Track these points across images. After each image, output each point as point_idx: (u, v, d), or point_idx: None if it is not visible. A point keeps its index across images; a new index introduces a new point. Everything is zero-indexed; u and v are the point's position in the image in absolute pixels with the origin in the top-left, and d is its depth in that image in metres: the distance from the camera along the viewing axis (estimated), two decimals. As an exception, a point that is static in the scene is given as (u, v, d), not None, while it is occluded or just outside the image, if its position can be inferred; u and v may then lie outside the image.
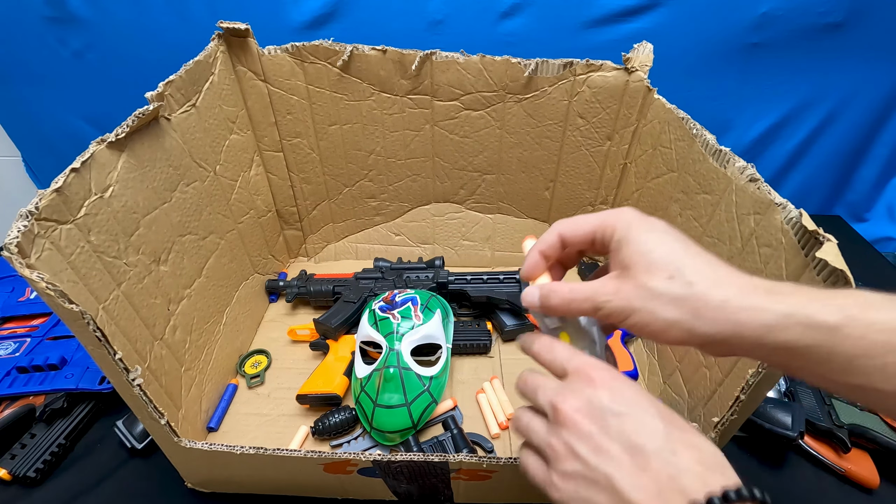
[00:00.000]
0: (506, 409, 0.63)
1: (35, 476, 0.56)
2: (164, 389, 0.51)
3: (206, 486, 0.55)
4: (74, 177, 0.40)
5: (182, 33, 0.83)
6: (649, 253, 0.29)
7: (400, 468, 0.46)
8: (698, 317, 0.27)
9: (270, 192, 0.78)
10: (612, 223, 0.31)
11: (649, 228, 0.30)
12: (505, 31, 0.82)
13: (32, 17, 0.83)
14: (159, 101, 0.51)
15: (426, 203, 0.82)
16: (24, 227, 0.35)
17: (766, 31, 0.80)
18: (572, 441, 0.28)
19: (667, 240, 0.29)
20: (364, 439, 0.60)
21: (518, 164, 0.75)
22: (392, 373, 0.58)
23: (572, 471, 0.28)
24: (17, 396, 0.62)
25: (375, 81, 0.68)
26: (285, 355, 0.72)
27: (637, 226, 0.30)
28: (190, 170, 0.57)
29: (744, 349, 0.27)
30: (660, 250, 0.29)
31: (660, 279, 0.28)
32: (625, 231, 0.30)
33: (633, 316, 0.29)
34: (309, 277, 0.80)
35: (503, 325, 0.72)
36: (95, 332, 0.37)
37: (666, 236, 0.30)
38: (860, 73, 0.85)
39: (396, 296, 0.66)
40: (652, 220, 0.31)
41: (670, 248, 0.29)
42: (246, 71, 0.66)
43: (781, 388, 0.64)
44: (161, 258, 0.52)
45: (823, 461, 0.58)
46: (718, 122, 0.91)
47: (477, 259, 0.87)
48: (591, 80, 0.65)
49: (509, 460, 0.43)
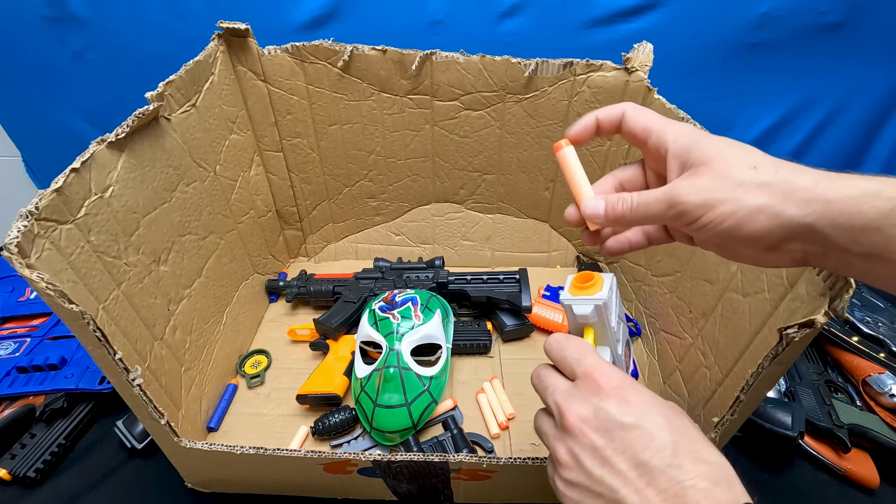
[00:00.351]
0: (506, 409, 0.63)
1: (35, 476, 0.56)
2: (164, 389, 0.51)
3: (206, 486, 0.55)
4: (74, 177, 0.40)
5: (182, 33, 0.82)
6: (727, 150, 0.28)
7: (400, 468, 0.46)
8: (787, 199, 0.26)
9: (270, 192, 0.78)
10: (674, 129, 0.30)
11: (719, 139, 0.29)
12: (505, 31, 0.82)
13: (32, 17, 0.83)
14: (159, 101, 0.51)
15: (426, 203, 0.82)
16: (24, 227, 0.35)
17: (767, 31, 0.80)
18: (577, 451, 0.28)
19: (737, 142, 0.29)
20: (364, 439, 0.60)
21: (518, 164, 0.75)
22: (392, 373, 0.58)
23: (576, 481, 0.28)
24: (17, 396, 0.62)
25: (375, 81, 0.68)
26: (285, 355, 0.72)
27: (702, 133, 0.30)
28: (190, 170, 0.57)
29: (830, 234, 0.26)
30: (736, 149, 0.28)
31: (744, 168, 0.27)
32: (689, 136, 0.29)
33: (716, 208, 0.27)
34: (309, 277, 0.80)
35: (503, 325, 0.72)
36: (95, 332, 0.37)
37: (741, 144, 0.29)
38: (860, 73, 0.85)
39: (396, 296, 0.66)
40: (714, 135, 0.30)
41: (744, 147, 0.28)
42: (246, 71, 0.66)
43: (781, 388, 0.64)
44: (161, 258, 0.52)
45: (823, 461, 0.58)
46: (718, 122, 0.91)
47: (477, 259, 0.87)
48: (591, 80, 0.65)
49: (509, 460, 0.43)
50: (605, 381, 0.29)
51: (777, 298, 0.40)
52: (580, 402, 0.29)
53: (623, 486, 0.26)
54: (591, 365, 0.30)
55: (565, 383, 0.31)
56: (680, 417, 0.28)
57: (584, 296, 0.35)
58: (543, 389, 0.32)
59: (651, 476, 0.25)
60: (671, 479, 0.25)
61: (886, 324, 0.69)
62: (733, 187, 0.27)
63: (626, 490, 0.26)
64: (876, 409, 0.61)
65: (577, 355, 0.31)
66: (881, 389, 0.61)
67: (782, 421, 0.57)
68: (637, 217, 0.30)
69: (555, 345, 0.33)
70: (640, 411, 0.27)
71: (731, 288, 0.48)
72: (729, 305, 0.48)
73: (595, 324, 0.35)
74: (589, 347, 0.32)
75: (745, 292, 0.46)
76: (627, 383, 0.29)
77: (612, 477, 0.26)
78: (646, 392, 0.29)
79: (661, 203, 0.29)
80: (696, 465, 0.25)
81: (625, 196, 0.31)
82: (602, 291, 0.34)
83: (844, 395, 0.64)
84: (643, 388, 0.29)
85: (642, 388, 0.29)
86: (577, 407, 0.29)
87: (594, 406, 0.28)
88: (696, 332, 0.54)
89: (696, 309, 0.55)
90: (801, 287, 0.37)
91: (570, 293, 0.36)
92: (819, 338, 0.70)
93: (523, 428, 0.61)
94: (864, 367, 0.63)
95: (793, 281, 0.38)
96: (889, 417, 0.60)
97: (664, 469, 0.25)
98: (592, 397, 0.28)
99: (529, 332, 0.74)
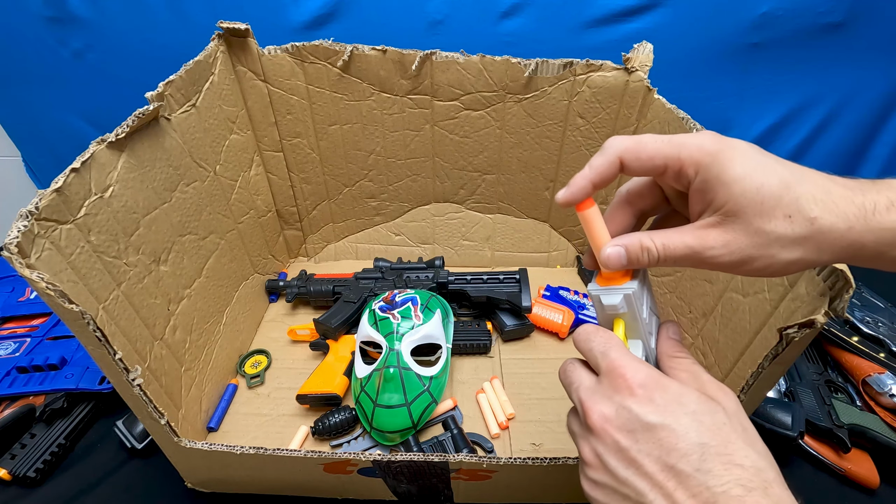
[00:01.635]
0: (506, 409, 0.63)
1: (35, 476, 0.56)
2: (164, 389, 0.51)
3: (206, 486, 0.55)
4: (74, 177, 0.40)
5: (182, 33, 0.83)
6: (757, 190, 0.25)
7: (400, 468, 0.46)
8: (822, 250, 0.25)
9: (270, 192, 0.78)
10: (691, 154, 0.27)
11: (740, 155, 0.26)
12: (505, 31, 0.82)
13: (32, 17, 0.83)
14: (159, 101, 0.51)
15: (426, 203, 0.82)
16: (24, 227, 0.35)
17: (767, 31, 0.80)
18: (601, 451, 0.27)
19: (767, 165, 0.25)
20: (364, 439, 0.60)
21: (518, 164, 0.75)
22: (392, 373, 0.58)
23: (602, 481, 0.27)
24: (17, 396, 0.62)
25: (375, 81, 0.68)
26: (285, 355, 0.72)
27: (726, 155, 0.26)
28: (190, 170, 0.57)
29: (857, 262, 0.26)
30: (767, 183, 0.25)
31: (778, 221, 0.25)
32: (713, 165, 0.26)
33: (749, 263, 0.26)
34: (309, 277, 0.80)
35: (503, 325, 0.72)
36: (95, 332, 0.37)
37: (763, 160, 0.26)
38: (860, 73, 0.85)
39: (396, 296, 0.66)
40: (735, 144, 0.26)
41: (776, 175, 0.25)
42: (246, 71, 0.66)
43: (781, 388, 0.64)
44: (161, 258, 0.52)
45: (823, 461, 0.58)
46: (718, 122, 0.91)
47: (477, 259, 0.87)
48: (591, 80, 0.65)
49: (509, 460, 0.43)
50: (630, 376, 0.27)
51: (777, 298, 0.40)
52: (603, 400, 0.27)
53: (650, 490, 0.25)
54: (615, 359, 0.28)
55: (590, 379, 0.30)
56: (713, 415, 0.26)
57: (613, 286, 0.32)
58: (569, 385, 0.31)
59: (678, 479, 0.24)
60: (699, 484, 0.24)
61: (886, 324, 0.69)
62: (769, 243, 0.25)
63: (654, 494, 0.24)
64: (876, 409, 0.61)
65: (602, 348, 0.29)
66: (881, 389, 0.61)
67: (782, 421, 0.57)
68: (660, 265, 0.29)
69: (582, 335, 0.31)
70: (665, 410, 0.26)
71: (731, 288, 0.48)
72: (729, 305, 0.48)
73: (625, 315, 0.32)
74: (615, 340, 0.30)
75: (745, 292, 0.46)
76: (653, 380, 0.27)
77: (638, 479, 0.25)
78: (674, 388, 0.26)
79: (689, 258, 0.27)
80: (727, 468, 0.24)
81: (648, 246, 0.28)
82: (633, 280, 0.31)
83: (844, 395, 0.64)
84: (671, 384, 0.27)
85: (670, 384, 0.27)
86: (600, 405, 0.27)
87: (617, 404, 0.27)
88: (696, 332, 0.54)
89: (696, 309, 0.55)
90: (801, 287, 0.37)
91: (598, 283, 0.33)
92: (819, 338, 0.70)
93: (523, 428, 0.61)
94: (864, 367, 0.63)
95: (793, 281, 0.38)
96: (889, 417, 0.60)
97: (691, 474, 0.24)
98: (616, 395, 0.27)
99: (529, 332, 0.74)
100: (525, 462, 0.43)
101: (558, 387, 0.70)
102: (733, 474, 0.23)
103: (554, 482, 0.48)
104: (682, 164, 0.27)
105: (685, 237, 0.27)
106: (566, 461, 0.42)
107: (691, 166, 0.27)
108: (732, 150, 0.26)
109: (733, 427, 0.25)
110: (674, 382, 0.27)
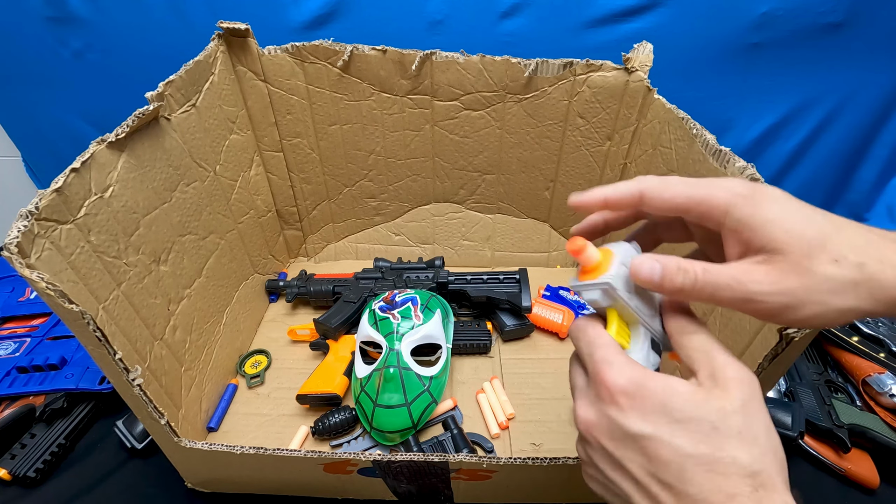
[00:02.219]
0: (506, 409, 0.63)
1: (35, 476, 0.56)
2: (164, 389, 0.51)
3: (206, 486, 0.55)
4: (74, 177, 0.40)
5: (182, 33, 0.82)
6: (801, 232, 0.24)
7: (400, 468, 0.46)
8: (876, 299, 0.23)
9: (270, 192, 0.78)
10: (719, 195, 0.26)
11: (776, 198, 0.25)
12: (505, 31, 0.82)
13: (32, 17, 0.83)
14: (159, 101, 0.51)
15: (426, 203, 0.82)
16: (24, 227, 0.35)
17: (767, 31, 0.79)
18: (590, 452, 0.28)
19: (805, 210, 0.25)
20: (364, 439, 0.60)
21: (518, 164, 0.75)
22: (392, 373, 0.58)
23: (595, 477, 0.29)
24: (17, 396, 0.62)
25: (375, 81, 0.68)
26: (285, 355, 0.72)
27: (762, 196, 0.25)
28: (190, 170, 0.57)
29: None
30: (809, 226, 0.24)
31: (825, 263, 0.23)
32: (746, 206, 0.25)
33: (800, 310, 0.24)
34: (309, 277, 0.80)
35: (503, 325, 0.72)
36: (95, 332, 0.37)
37: (800, 205, 0.25)
38: (860, 73, 0.84)
39: (396, 296, 0.66)
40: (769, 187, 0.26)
41: (816, 221, 0.24)
42: (246, 71, 0.66)
43: (781, 388, 0.64)
44: (161, 258, 0.52)
45: (823, 461, 0.58)
46: (718, 122, 0.91)
47: (477, 259, 0.87)
48: (591, 80, 0.65)
49: (509, 460, 0.43)
50: (611, 383, 0.26)
51: (777, 298, 0.40)
52: (588, 406, 0.28)
53: (636, 492, 0.25)
54: (597, 361, 0.27)
55: (582, 380, 0.30)
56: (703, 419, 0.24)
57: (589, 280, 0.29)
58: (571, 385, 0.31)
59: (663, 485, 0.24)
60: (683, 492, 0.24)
61: (886, 324, 0.69)
62: (819, 288, 0.24)
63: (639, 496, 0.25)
64: (876, 409, 0.61)
65: (588, 349, 0.28)
66: (881, 389, 0.61)
67: (782, 421, 0.57)
68: (695, 294, 0.26)
69: (574, 332, 0.30)
70: (647, 420, 0.25)
71: (731, 288, 0.48)
72: (729, 305, 0.48)
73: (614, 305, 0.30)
74: (602, 338, 0.28)
75: (745, 292, 0.46)
76: (636, 384, 0.26)
77: (625, 482, 0.26)
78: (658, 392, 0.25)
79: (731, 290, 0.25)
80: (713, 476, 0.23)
81: (686, 268, 0.26)
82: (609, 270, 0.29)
83: (844, 395, 0.64)
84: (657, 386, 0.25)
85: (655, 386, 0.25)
86: (585, 410, 0.28)
87: (598, 410, 0.27)
88: (696, 332, 0.54)
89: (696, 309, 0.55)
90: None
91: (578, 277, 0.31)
92: (819, 338, 0.70)
93: (523, 428, 0.62)
94: (864, 367, 0.63)
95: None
96: (889, 417, 0.60)
97: (674, 484, 0.24)
98: (598, 401, 0.27)
99: (529, 332, 0.74)
100: (525, 462, 0.43)
101: (558, 387, 0.70)
102: (718, 483, 0.23)
103: (554, 482, 0.48)
104: (710, 204, 0.26)
105: (729, 268, 0.25)
106: (566, 461, 0.42)
107: (719, 207, 0.26)
108: (767, 193, 0.25)
109: (728, 427, 0.24)
110: (660, 383, 0.25)
